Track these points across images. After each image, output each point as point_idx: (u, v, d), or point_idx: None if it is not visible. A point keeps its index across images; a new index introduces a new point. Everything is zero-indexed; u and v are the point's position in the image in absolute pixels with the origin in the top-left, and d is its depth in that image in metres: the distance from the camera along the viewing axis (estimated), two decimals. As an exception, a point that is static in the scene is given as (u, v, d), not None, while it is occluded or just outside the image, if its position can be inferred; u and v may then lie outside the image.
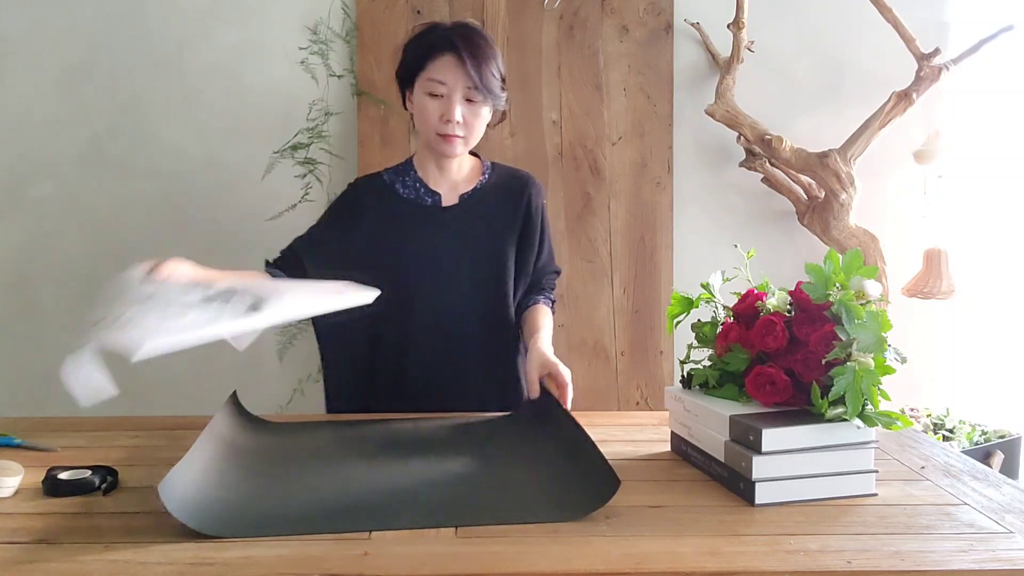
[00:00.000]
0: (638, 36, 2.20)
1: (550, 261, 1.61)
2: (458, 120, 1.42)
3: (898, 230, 2.22)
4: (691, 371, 1.17)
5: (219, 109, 2.21)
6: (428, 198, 1.52)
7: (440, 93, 1.42)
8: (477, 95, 1.42)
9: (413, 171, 1.55)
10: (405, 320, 1.50)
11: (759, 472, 0.96)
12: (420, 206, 1.52)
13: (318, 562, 0.80)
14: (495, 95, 1.44)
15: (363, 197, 1.55)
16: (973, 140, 2.22)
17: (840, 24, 2.21)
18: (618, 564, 0.80)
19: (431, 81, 1.42)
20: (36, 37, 2.19)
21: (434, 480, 1.05)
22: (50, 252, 2.24)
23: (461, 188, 1.54)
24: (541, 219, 1.57)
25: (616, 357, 2.20)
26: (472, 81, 1.40)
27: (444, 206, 1.53)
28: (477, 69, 1.40)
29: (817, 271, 1.05)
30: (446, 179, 1.54)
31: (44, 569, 0.80)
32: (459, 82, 1.41)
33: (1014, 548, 0.85)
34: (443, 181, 1.54)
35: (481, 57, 1.41)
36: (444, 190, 1.54)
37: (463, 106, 1.42)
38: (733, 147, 2.21)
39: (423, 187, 1.53)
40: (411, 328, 1.50)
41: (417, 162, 1.56)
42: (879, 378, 0.97)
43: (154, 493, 0.88)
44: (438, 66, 1.41)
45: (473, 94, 1.42)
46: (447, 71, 1.41)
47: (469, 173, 1.56)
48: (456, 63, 1.40)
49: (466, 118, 1.43)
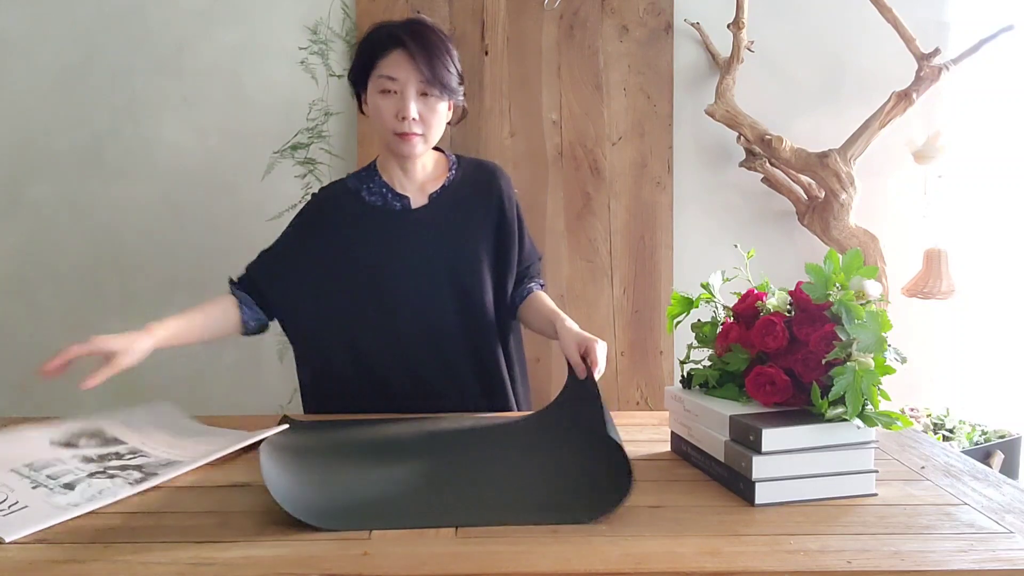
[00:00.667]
0: (638, 36, 2.20)
1: (532, 249, 1.59)
2: (414, 117, 1.37)
3: (898, 230, 2.22)
4: (691, 371, 1.17)
5: (219, 109, 2.21)
6: (396, 203, 1.48)
7: (392, 89, 1.38)
8: (432, 89, 1.38)
9: (378, 176, 1.51)
10: (385, 326, 1.47)
11: (759, 472, 0.96)
12: (390, 211, 1.48)
13: (318, 562, 0.80)
14: (450, 89, 1.40)
15: (328, 207, 1.51)
16: (973, 140, 2.22)
17: (840, 24, 2.21)
18: (618, 564, 0.80)
19: (382, 78, 1.38)
20: (36, 37, 2.19)
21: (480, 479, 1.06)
22: (50, 252, 2.24)
23: (429, 187, 1.50)
24: (516, 209, 1.54)
25: (616, 357, 2.20)
26: (423, 75, 1.36)
27: (414, 208, 1.49)
28: (428, 63, 1.36)
29: (817, 271, 1.05)
30: (412, 180, 1.50)
31: (44, 569, 0.80)
32: (411, 76, 1.36)
33: (1014, 548, 0.85)
34: (409, 183, 1.50)
35: (432, 51, 1.37)
36: (411, 191, 1.50)
37: (418, 102, 1.38)
38: (733, 147, 2.21)
39: (390, 192, 1.49)
40: (392, 334, 1.47)
41: (381, 166, 1.52)
42: (879, 378, 0.97)
43: (155, 492, 0.88)
44: (388, 62, 1.37)
45: (427, 88, 1.37)
46: (397, 67, 1.37)
47: (435, 170, 1.52)
48: (406, 58, 1.36)
49: (422, 114, 1.38)
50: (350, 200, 1.50)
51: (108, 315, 2.25)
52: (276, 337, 2.24)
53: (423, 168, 1.51)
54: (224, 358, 2.25)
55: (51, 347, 2.23)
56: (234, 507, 0.96)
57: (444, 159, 1.55)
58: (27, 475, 1.03)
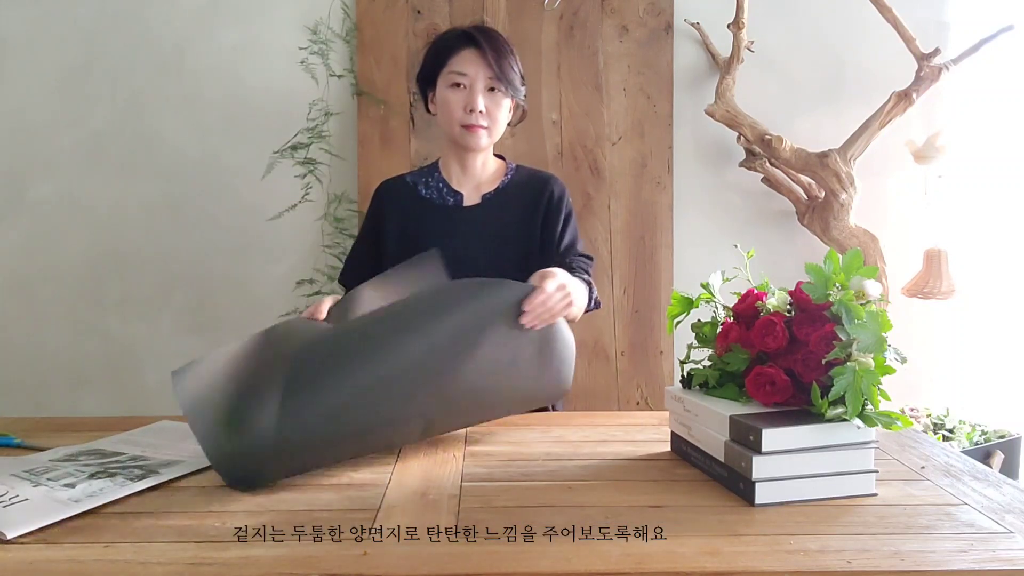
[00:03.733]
0: (638, 36, 2.20)
1: (575, 243, 1.56)
2: (481, 110, 1.46)
3: (898, 230, 2.22)
4: (691, 371, 1.17)
5: (219, 109, 2.21)
6: (450, 198, 1.55)
7: (462, 84, 1.46)
8: (499, 85, 1.46)
9: (437, 172, 1.58)
10: None
11: (759, 472, 0.96)
12: (441, 206, 1.54)
13: (317, 562, 0.80)
14: (515, 87, 1.49)
15: (386, 201, 1.58)
16: (973, 140, 2.22)
17: (840, 24, 2.21)
18: (618, 564, 0.80)
19: (453, 73, 1.47)
20: (36, 37, 2.19)
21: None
22: (50, 252, 2.24)
23: (484, 188, 1.56)
24: (564, 208, 1.56)
25: (616, 357, 2.20)
26: (493, 71, 1.45)
27: (466, 205, 1.55)
28: (497, 60, 1.45)
29: (817, 271, 1.05)
30: (469, 179, 1.56)
31: (44, 569, 0.80)
32: (480, 72, 1.45)
33: (1014, 548, 0.85)
34: (466, 181, 1.56)
35: (500, 50, 1.47)
36: (467, 190, 1.56)
37: (485, 96, 1.46)
38: (733, 147, 2.21)
39: (446, 187, 1.56)
40: None
41: (442, 164, 1.59)
42: (879, 378, 0.97)
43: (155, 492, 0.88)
44: (459, 59, 1.47)
45: (495, 83, 1.46)
46: (468, 63, 1.46)
47: (493, 174, 1.58)
48: (477, 55, 1.46)
49: (488, 108, 1.47)
50: (407, 193, 1.57)
51: (108, 314, 2.25)
52: (276, 337, 2.26)
53: (483, 167, 1.57)
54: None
55: (51, 347, 2.25)
56: (234, 507, 0.96)
57: (503, 164, 1.61)
58: (27, 477, 1.03)
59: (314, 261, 2.23)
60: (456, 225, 1.53)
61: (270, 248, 2.24)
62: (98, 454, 1.16)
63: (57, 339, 2.26)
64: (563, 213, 1.56)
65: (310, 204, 2.22)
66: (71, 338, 2.26)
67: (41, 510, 0.91)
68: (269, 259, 2.24)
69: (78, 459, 1.13)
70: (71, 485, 1.00)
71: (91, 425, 1.35)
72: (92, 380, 2.26)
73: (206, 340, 2.23)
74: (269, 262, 2.24)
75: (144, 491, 1.01)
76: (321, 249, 2.23)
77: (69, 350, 2.26)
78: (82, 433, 1.29)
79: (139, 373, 2.26)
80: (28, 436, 1.26)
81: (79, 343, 2.25)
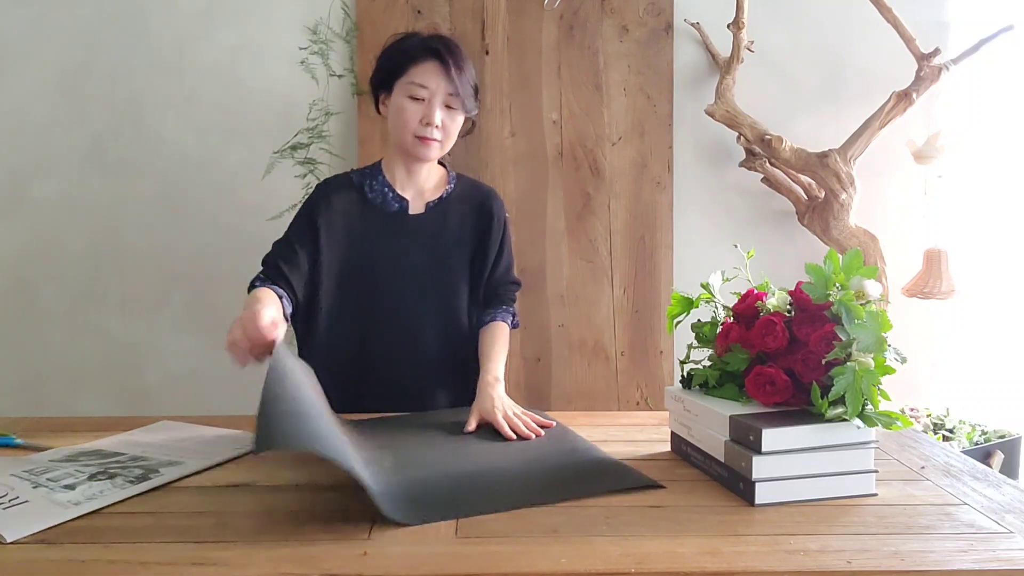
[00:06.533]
0: (638, 36, 2.20)
1: (508, 272, 1.62)
2: (437, 124, 1.46)
3: (898, 230, 2.22)
4: (691, 371, 1.17)
5: (219, 109, 2.21)
6: (395, 203, 1.55)
7: (421, 97, 1.47)
8: (455, 101, 1.48)
9: (381, 175, 1.58)
10: (366, 320, 1.52)
11: (759, 472, 0.96)
12: (387, 211, 1.55)
13: (317, 562, 0.80)
14: (471, 104, 1.51)
15: (334, 199, 1.56)
16: (973, 140, 2.22)
17: (840, 24, 2.21)
18: (618, 564, 0.80)
19: (413, 84, 1.46)
20: (36, 37, 2.19)
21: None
22: (50, 252, 2.24)
23: (428, 196, 1.57)
24: (503, 231, 1.60)
25: (616, 357, 2.20)
26: (453, 87, 1.46)
27: (411, 213, 1.56)
28: (459, 76, 1.46)
29: (817, 271, 1.05)
30: (414, 185, 1.57)
31: (44, 569, 0.80)
32: (441, 87, 1.46)
33: (1014, 548, 0.85)
34: (410, 187, 1.57)
35: (461, 66, 1.48)
36: (411, 196, 1.56)
37: (442, 111, 1.47)
38: (733, 147, 2.21)
39: (391, 191, 1.56)
40: (372, 329, 1.53)
41: (386, 166, 1.59)
42: (879, 378, 0.98)
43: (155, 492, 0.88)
44: (421, 71, 1.46)
45: (452, 100, 1.48)
46: (430, 76, 1.46)
47: (436, 182, 1.60)
48: (439, 69, 1.46)
49: (444, 123, 1.48)
50: (352, 194, 1.56)
51: (108, 314, 2.25)
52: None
53: (427, 175, 1.58)
54: (224, 358, 2.24)
55: (51, 346, 2.25)
56: (234, 507, 0.97)
57: (445, 173, 1.62)
58: (27, 478, 1.03)
59: (314, 261, 2.23)
60: (401, 231, 1.54)
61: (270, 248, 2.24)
62: (98, 454, 1.16)
63: (57, 339, 2.26)
64: (501, 234, 1.59)
65: (310, 204, 2.22)
66: (71, 338, 2.26)
67: (40, 513, 0.91)
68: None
69: (78, 459, 1.13)
70: (71, 487, 1.00)
71: (91, 425, 1.35)
72: (92, 380, 2.26)
73: (206, 340, 2.23)
74: (269, 262, 2.23)
75: (144, 491, 1.01)
76: (321, 249, 2.23)
77: (69, 350, 2.26)
78: (82, 433, 1.29)
79: (139, 373, 2.26)
80: (28, 436, 1.26)
81: (79, 343, 2.25)
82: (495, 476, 1.06)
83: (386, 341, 1.53)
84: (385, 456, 1.13)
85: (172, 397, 2.23)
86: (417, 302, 1.53)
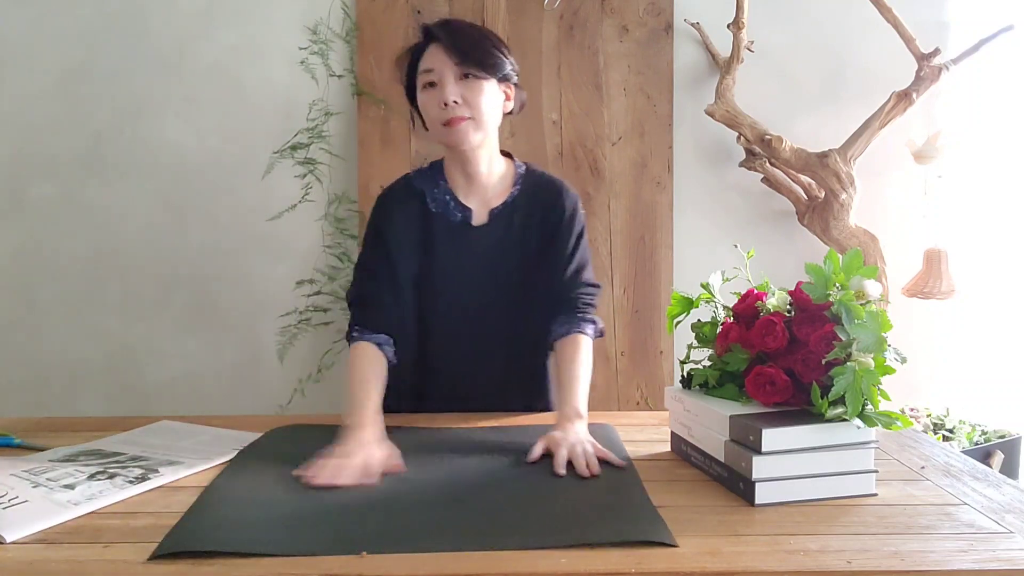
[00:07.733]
0: (638, 36, 2.20)
1: (580, 273, 1.47)
2: (455, 100, 1.34)
3: (898, 230, 2.22)
4: (691, 371, 1.17)
5: (219, 109, 2.21)
6: (458, 213, 1.45)
7: (432, 81, 1.37)
8: (469, 69, 1.35)
9: (443, 180, 1.47)
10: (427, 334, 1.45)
11: (759, 472, 0.96)
12: (449, 222, 1.44)
13: (317, 563, 0.80)
14: (492, 67, 1.37)
15: (395, 214, 1.47)
16: (973, 140, 2.22)
17: (840, 24, 2.21)
18: (618, 564, 0.80)
19: (423, 73, 1.38)
20: (36, 38, 2.19)
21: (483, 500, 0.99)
22: (51, 252, 2.24)
23: (492, 201, 1.45)
24: (572, 229, 1.47)
25: (616, 357, 2.20)
26: (456, 58, 1.34)
27: (474, 224, 1.45)
28: (460, 47, 1.35)
29: (817, 271, 1.05)
30: (476, 190, 1.45)
31: (44, 569, 0.80)
32: (446, 64, 1.35)
33: (1014, 548, 0.85)
34: (472, 193, 1.45)
35: (464, 36, 1.37)
36: (475, 205, 1.45)
37: (459, 85, 1.35)
38: (733, 147, 2.21)
39: (453, 200, 1.45)
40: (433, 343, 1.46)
41: (447, 168, 1.48)
42: (879, 378, 0.97)
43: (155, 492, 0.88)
44: (425, 58, 1.38)
45: (467, 69, 1.35)
46: (433, 58, 1.37)
47: (500, 182, 1.47)
48: (439, 48, 1.36)
49: (466, 97, 1.35)
50: (414, 204, 1.46)
51: (108, 314, 2.25)
52: (276, 337, 2.26)
53: (488, 175, 1.45)
54: (224, 358, 2.25)
55: (51, 347, 2.25)
56: (234, 507, 0.96)
57: (512, 171, 1.49)
58: (27, 478, 1.03)
59: (314, 261, 2.23)
60: (463, 246, 1.44)
61: (270, 248, 2.24)
62: (98, 454, 1.16)
63: (57, 339, 2.26)
64: (574, 234, 1.47)
65: (310, 204, 2.22)
66: (71, 338, 2.26)
67: (40, 513, 0.91)
68: (269, 259, 2.24)
69: (78, 459, 1.13)
70: (70, 486, 1.00)
71: (91, 425, 1.35)
72: (92, 380, 2.26)
73: (206, 340, 2.23)
74: (269, 262, 2.24)
75: (144, 491, 1.01)
76: (321, 249, 2.23)
77: (69, 350, 2.26)
78: (82, 433, 1.29)
79: (139, 373, 2.26)
80: (28, 436, 1.26)
81: (79, 343, 2.25)
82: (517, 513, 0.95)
83: (448, 356, 1.46)
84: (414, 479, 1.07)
85: (172, 397, 2.23)
86: (481, 317, 1.45)
